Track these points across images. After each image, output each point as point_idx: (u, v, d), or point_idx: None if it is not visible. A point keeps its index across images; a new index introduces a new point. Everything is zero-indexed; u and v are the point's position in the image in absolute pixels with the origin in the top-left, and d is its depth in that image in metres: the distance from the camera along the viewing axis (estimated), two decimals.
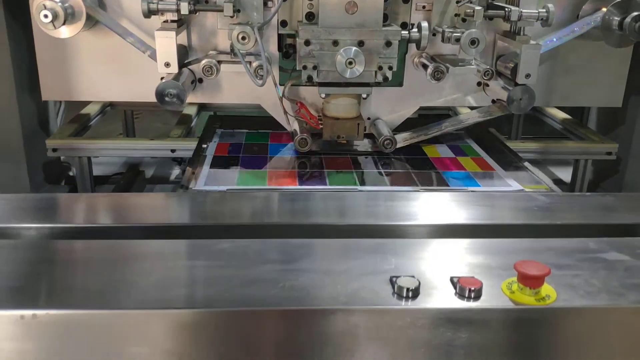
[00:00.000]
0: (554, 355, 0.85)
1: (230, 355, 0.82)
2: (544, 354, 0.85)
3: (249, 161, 1.57)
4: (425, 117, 1.90)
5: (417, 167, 1.55)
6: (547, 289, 0.86)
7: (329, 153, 1.62)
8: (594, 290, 0.87)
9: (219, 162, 1.56)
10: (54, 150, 1.66)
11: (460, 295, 0.84)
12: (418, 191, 1.39)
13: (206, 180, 1.43)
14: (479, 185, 1.43)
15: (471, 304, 0.83)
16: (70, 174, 1.94)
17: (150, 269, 0.92)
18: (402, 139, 1.62)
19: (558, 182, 1.99)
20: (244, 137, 1.76)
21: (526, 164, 1.57)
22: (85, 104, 2.01)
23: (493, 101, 1.64)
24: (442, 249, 1.01)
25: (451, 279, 0.88)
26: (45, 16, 1.34)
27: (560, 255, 0.97)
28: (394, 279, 0.86)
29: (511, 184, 1.44)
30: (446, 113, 2.04)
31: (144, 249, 0.98)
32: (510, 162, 1.59)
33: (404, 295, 0.84)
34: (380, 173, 1.51)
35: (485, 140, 1.76)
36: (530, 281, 0.84)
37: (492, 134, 1.83)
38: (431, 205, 1.25)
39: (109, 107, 2.09)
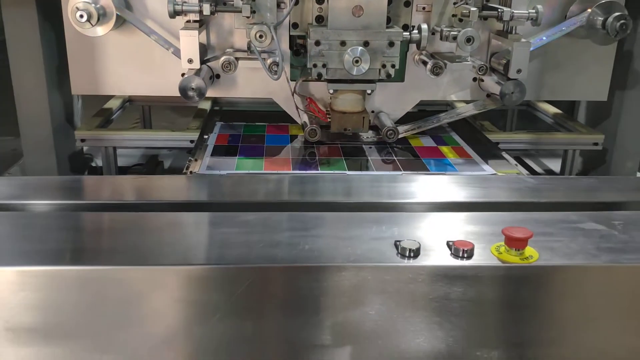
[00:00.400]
0: (536, 308, 0.98)
1: (258, 306, 0.95)
2: (528, 306, 0.98)
3: (247, 150, 1.69)
4: (424, 111, 2.03)
5: (401, 155, 1.68)
6: (530, 250, 0.99)
7: (328, 143, 1.74)
8: (572, 252, 1.01)
9: (220, 151, 1.69)
10: (82, 140, 1.80)
11: (455, 255, 0.98)
12: (401, 175, 1.52)
13: (207, 166, 1.56)
14: (456, 170, 1.57)
15: (464, 263, 0.97)
16: (93, 164, 2.08)
17: (185, 234, 1.06)
18: (404, 130, 1.76)
19: (549, 172, 2.12)
20: (242, 129, 1.89)
21: (503, 153, 1.70)
22: (102, 100, 2.14)
23: (488, 95, 1.78)
24: (440, 220, 1.14)
25: (447, 243, 1.01)
26: (81, 16, 1.48)
27: (544, 224, 1.11)
28: (398, 242, 0.99)
29: (486, 169, 1.58)
30: (444, 108, 2.17)
31: (177, 219, 1.12)
32: (488, 151, 1.73)
33: (407, 255, 0.97)
34: (367, 160, 1.64)
35: (466, 132, 1.90)
36: (516, 243, 0.97)
37: (474, 126, 1.96)
38: (430, 186, 1.38)
39: (128, 103, 2.22)
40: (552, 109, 2.17)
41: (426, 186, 1.38)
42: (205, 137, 1.79)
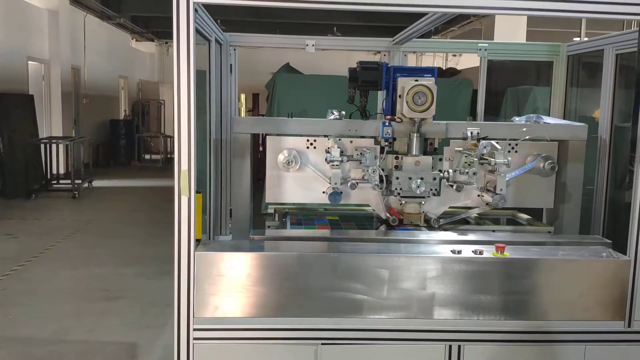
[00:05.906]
0: (509, 280, 2.44)
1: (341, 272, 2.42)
2: (504, 280, 2.44)
3: (306, 223, 3.38)
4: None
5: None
6: (506, 254, 2.47)
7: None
8: (529, 256, 2.49)
9: (293, 224, 3.36)
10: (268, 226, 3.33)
11: (475, 253, 2.46)
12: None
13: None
14: None
15: (478, 256, 2.45)
16: None
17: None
18: (442, 221, 3.27)
19: None
20: (303, 218, 3.54)
21: None
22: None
23: (487, 204, 3.30)
24: (469, 245, 2.62)
25: (472, 250, 2.49)
26: (287, 162, 3.07)
27: (519, 247, 2.59)
28: (452, 249, 2.48)
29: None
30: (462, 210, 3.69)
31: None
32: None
33: (456, 252, 2.46)
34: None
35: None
36: (498, 249, 2.46)
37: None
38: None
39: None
40: (526, 216, 3.68)
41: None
42: (284, 220, 3.40)
